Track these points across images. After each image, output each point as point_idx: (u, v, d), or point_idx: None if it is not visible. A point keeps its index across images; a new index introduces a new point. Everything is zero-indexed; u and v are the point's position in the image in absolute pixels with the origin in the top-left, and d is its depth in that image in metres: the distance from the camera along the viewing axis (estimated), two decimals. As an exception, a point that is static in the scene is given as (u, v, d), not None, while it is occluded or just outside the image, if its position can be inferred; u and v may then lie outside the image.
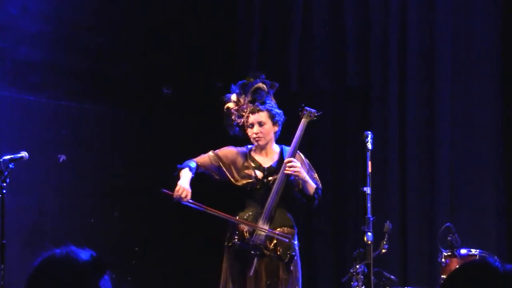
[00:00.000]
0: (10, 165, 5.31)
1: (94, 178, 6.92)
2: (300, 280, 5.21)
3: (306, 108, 5.29)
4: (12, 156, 5.37)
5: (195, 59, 7.65)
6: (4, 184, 5.26)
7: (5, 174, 5.28)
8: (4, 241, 5.28)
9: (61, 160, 6.68)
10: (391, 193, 6.98)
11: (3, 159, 5.34)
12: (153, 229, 7.21)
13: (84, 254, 2.05)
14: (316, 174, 5.30)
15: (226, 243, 5.22)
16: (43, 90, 6.68)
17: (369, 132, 5.22)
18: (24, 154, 5.44)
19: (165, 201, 5.10)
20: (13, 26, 6.51)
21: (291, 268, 5.10)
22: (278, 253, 5.09)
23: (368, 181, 5.05)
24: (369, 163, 5.09)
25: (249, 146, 5.33)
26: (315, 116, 5.28)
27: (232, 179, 5.24)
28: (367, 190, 5.03)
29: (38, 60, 6.65)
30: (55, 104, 6.74)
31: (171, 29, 7.56)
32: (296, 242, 5.20)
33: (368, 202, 5.00)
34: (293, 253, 5.11)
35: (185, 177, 5.10)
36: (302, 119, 5.27)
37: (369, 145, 5.15)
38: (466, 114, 6.93)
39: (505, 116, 6.81)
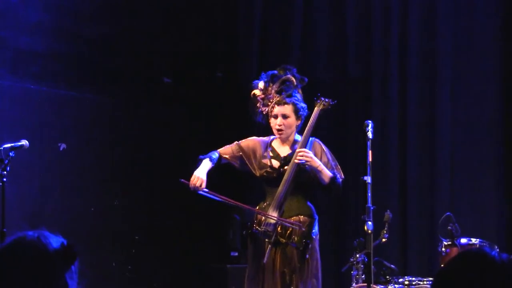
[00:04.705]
0: (11, 153, 5.31)
1: (94, 166, 6.92)
2: (320, 270, 5.19)
3: (321, 97, 5.29)
4: (12, 144, 5.36)
5: (196, 49, 7.64)
6: (5, 172, 5.26)
7: (6, 162, 5.28)
8: (5, 230, 5.29)
9: (61, 148, 6.68)
10: (392, 183, 6.99)
11: (3, 147, 5.33)
12: (153, 218, 7.21)
13: (55, 241, 2.01)
14: (338, 166, 5.28)
15: (245, 231, 5.25)
16: (43, 79, 6.67)
17: (370, 121, 5.20)
18: (24, 142, 5.43)
19: (184, 190, 5.08)
20: (13, 15, 6.51)
21: (307, 256, 5.08)
22: (293, 240, 5.08)
23: (368, 170, 5.04)
24: (370, 152, 5.08)
25: (272, 137, 5.35)
26: (329, 105, 5.27)
27: (252, 169, 5.27)
28: (368, 179, 5.01)
29: (39, 49, 6.65)
30: (55, 93, 6.74)
31: (173, 20, 7.55)
32: (314, 231, 5.17)
33: (369, 191, 4.99)
34: (308, 241, 5.09)
35: (203, 167, 5.11)
36: (315, 108, 5.26)
37: (370, 134, 5.13)
38: (467, 106, 6.94)
39: (505, 112, 6.82)
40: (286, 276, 5.07)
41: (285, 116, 5.18)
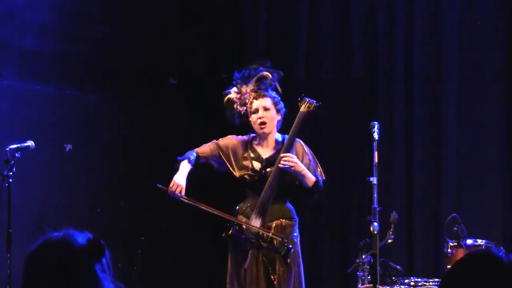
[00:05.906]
0: (17, 154, 5.31)
1: (99, 167, 6.92)
2: (303, 274, 5.12)
3: (306, 98, 5.19)
4: (18, 145, 5.37)
5: (201, 50, 7.63)
6: (11, 173, 5.27)
7: (12, 163, 5.28)
8: (11, 230, 5.30)
9: (67, 149, 6.68)
10: (397, 183, 6.98)
11: (9, 148, 5.33)
12: (159, 219, 7.21)
13: (81, 237, 2.10)
14: (319, 167, 5.20)
15: (225, 234, 5.08)
16: (49, 80, 6.68)
17: (376, 123, 5.19)
18: (30, 143, 5.43)
19: (162, 196, 5.03)
20: (19, 16, 6.52)
21: (288, 260, 5.00)
22: (275, 245, 5.00)
23: (374, 171, 5.03)
24: (376, 153, 5.07)
25: (252, 135, 5.23)
26: (314, 107, 5.17)
27: (231, 169, 5.14)
28: (374, 180, 5.00)
29: (44, 50, 6.65)
30: (60, 94, 6.74)
31: (177, 20, 7.54)
32: (295, 234, 5.12)
33: (375, 192, 4.98)
34: (290, 246, 5.00)
35: (182, 171, 5.00)
36: (300, 109, 5.17)
37: (376, 135, 5.12)
38: (472, 107, 6.92)
39: (510, 113, 6.81)
40: (269, 281, 5.00)
41: (266, 109, 5.09)
